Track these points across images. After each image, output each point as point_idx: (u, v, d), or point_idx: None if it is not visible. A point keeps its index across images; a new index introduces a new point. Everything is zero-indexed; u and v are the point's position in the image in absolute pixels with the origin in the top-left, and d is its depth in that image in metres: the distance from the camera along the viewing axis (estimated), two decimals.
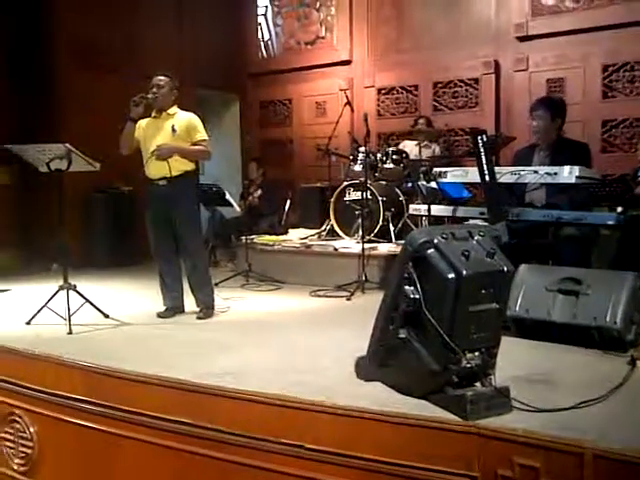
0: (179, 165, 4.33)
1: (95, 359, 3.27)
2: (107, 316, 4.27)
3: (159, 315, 4.41)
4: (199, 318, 4.39)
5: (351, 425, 2.48)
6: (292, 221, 7.55)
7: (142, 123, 4.43)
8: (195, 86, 7.78)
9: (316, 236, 6.58)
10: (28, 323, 4.07)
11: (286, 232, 7.08)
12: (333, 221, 6.37)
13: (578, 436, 2.14)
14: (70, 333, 3.85)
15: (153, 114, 4.42)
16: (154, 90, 4.32)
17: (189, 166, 4.42)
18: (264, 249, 6.22)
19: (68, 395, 3.26)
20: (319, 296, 5.20)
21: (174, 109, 4.44)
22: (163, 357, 3.36)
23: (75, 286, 4.14)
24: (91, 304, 4.22)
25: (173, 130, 4.33)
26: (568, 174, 3.79)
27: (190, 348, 3.58)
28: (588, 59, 6.60)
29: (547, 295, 3.45)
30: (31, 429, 3.43)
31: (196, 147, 4.40)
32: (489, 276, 2.43)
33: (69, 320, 3.91)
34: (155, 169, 4.32)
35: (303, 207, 7.71)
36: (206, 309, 4.45)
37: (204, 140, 4.43)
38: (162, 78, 4.38)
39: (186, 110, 4.52)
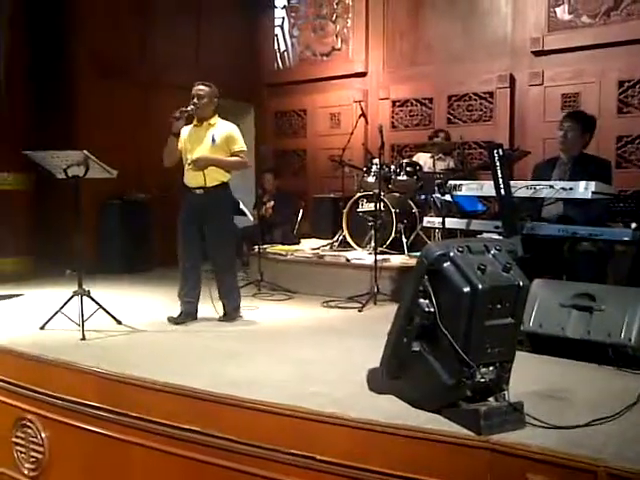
0: (215, 175, 4.40)
1: (107, 366, 3.28)
2: (120, 322, 4.28)
3: (169, 319, 4.43)
4: (221, 321, 4.49)
5: (362, 438, 2.47)
6: (304, 231, 7.56)
7: (184, 132, 4.49)
8: None
9: (328, 247, 6.59)
10: (42, 328, 4.09)
11: (298, 242, 7.09)
12: (346, 232, 6.37)
13: (592, 454, 2.12)
14: (83, 339, 3.87)
15: (194, 123, 4.48)
16: (194, 101, 4.37)
17: (225, 177, 4.48)
18: (276, 259, 6.23)
19: (80, 401, 3.28)
20: (331, 307, 5.19)
21: (215, 119, 4.50)
22: (175, 365, 3.36)
23: (89, 292, 4.16)
24: (104, 310, 4.24)
25: (213, 140, 4.40)
26: (584, 189, 3.77)
27: (202, 356, 3.59)
28: (604, 74, 6.58)
29: (561, 310, 3.43)
30: (42, 434, 3.45)
31: (233, 158, 4.47)
32: (505, 290, 2.42)
33: (82, 326, 3.92)
34: (192, 178, 4.41)
35: (316, 217, 7.72)
36: (230, 315, 4.54)
37: (242, 151, 4.50)
38: (202, 88, 4.43)
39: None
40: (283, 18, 8.89)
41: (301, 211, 7.53)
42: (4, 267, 6.47)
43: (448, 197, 4.71)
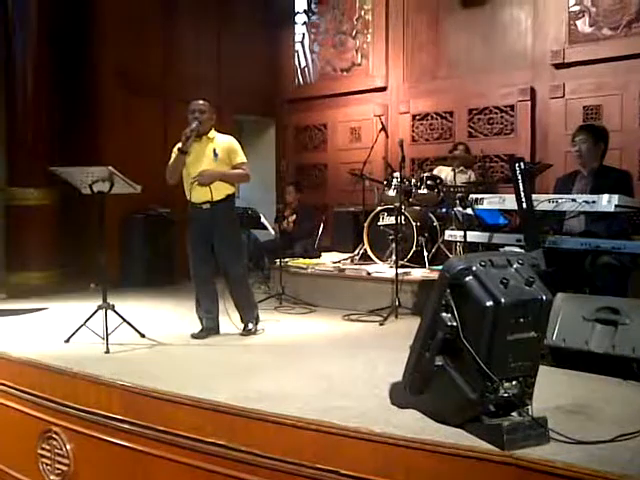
0: (221, 189, 4.43)
1: (131, 379, 3.31)
2: (144, 336, 4.32)
3: (193, 336, 4.45)
4: (242, 335, 4.52)
5: (386, 452, 2.47)
6: (325, 245, 7.58)
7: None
8: (232, 111, 7.94)
9: (349, 260, 6.60)
10: (67, 341, 4.15)
11: (319, 256, 7.11)
12: (366, 245, 6.38)
13: (618, 470, 2.10)
14: (107, 352, 3.91)
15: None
16: (197, 115, 4.38)
17: (230, 189, 4.52)
18: (297, 272, 6.25)
19: (104, 414, 3.31)
20: (352, 320, 5.20)
21: (213, 132, 4.53)
22: (199, 378, 3.39)
23: (113, 306, 4.20)
24: (128, 324, 4.28)
25: (215, 154, 4.42)
26: (607, 203, 3.75)
27: (225, 370, 3.61)
28: (626, 86, 6.54)
29: (585, 324, 3.40)
30: (67, 446, 3.49)
31: (237, 171, 4.50)
32: (528, 304, 2.42)
33: (107, 339, 3.97)
34: (198, 194, 4.41)
35: (336, 231, 7.74)
36: (249, 327, 4.56)
37: (244, 163, 4.53)
38: (202, 102, 4.46)
39: (224, 133, 4.61)
40: (303, 34, 8.97)
41: (322, 225, 7.55)
42: (29, 281, 6.58)
43: (469, 210, 4.70)
